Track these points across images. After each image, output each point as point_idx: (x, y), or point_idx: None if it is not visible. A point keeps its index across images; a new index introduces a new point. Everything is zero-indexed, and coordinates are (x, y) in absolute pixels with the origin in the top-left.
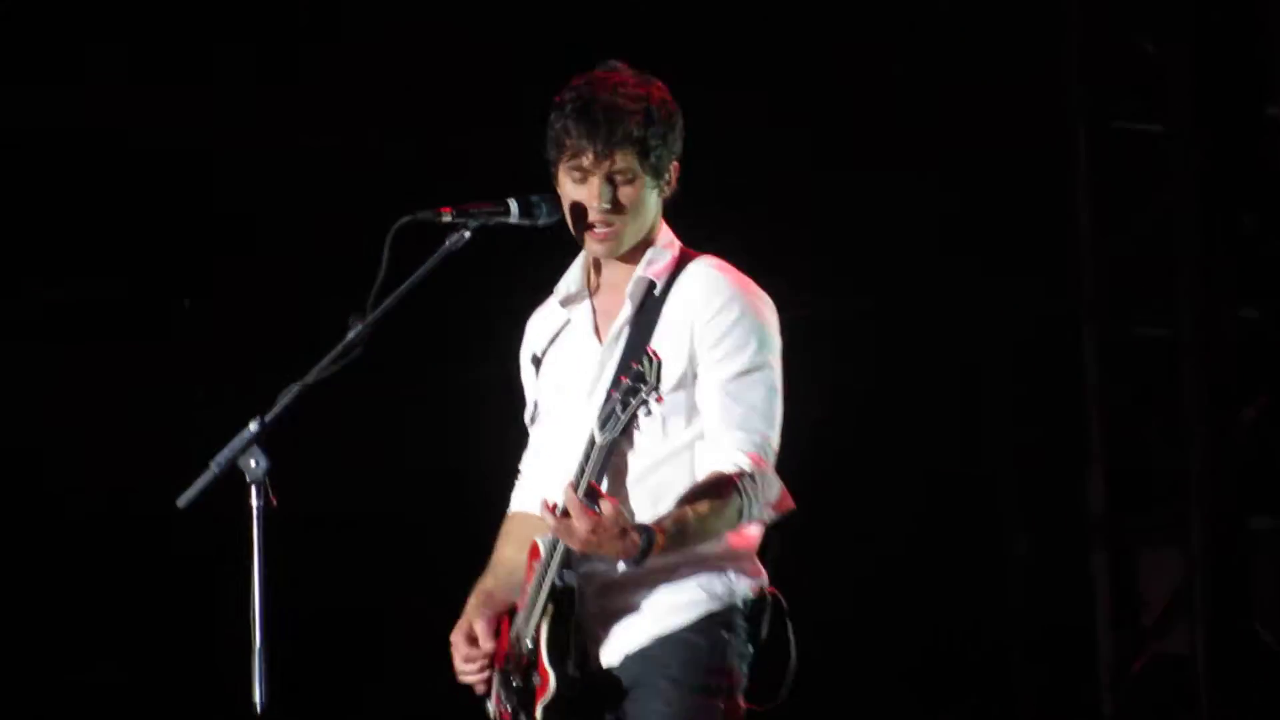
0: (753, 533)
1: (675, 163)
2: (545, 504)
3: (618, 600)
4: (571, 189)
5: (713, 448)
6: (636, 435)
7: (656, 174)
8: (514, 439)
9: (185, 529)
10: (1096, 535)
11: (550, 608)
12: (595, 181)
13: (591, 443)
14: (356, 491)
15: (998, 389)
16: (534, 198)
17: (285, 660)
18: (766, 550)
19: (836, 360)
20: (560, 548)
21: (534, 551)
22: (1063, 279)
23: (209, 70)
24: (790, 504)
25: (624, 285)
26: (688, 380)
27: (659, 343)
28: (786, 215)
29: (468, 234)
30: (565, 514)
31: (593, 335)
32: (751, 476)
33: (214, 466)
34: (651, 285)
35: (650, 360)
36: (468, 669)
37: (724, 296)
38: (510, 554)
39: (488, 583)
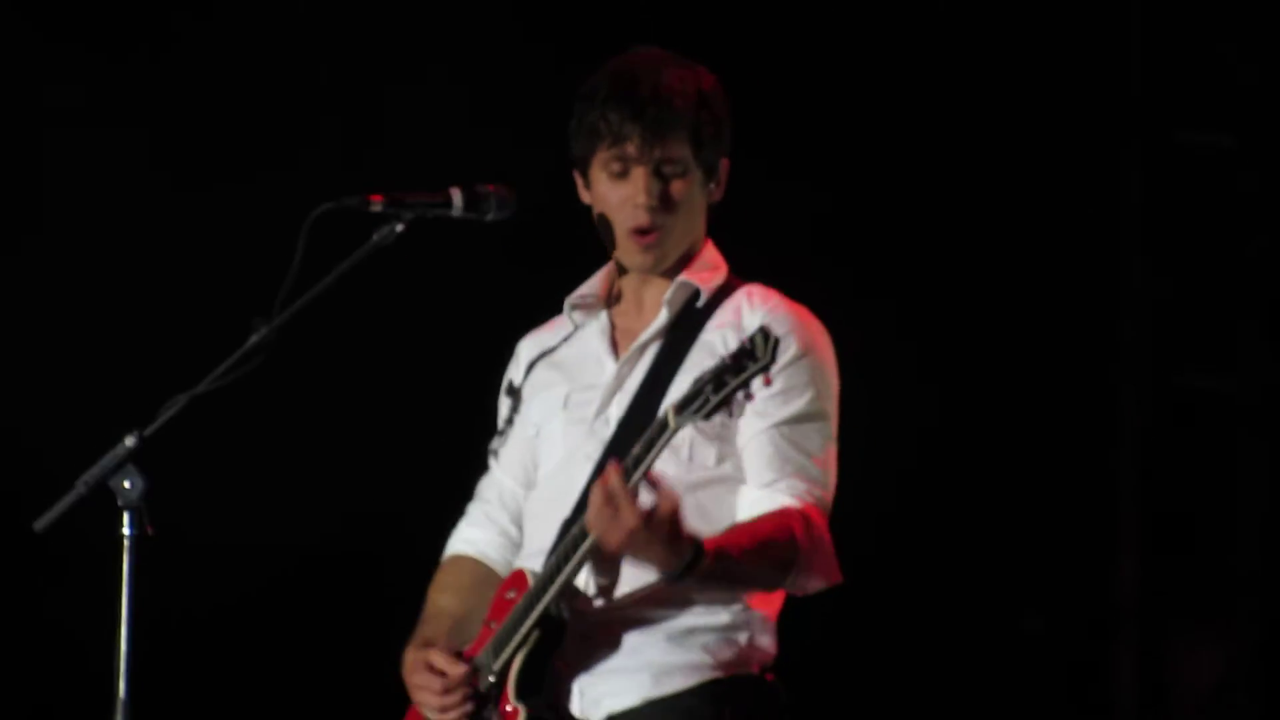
0: (774, 599)
1: (725, 161)
2: (610, 469)
3: (605, 649)
4: (608, 187)
5: (764, 493)
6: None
7: (709, 171)
8: (456, 477)
9: (41, 556)
10: (1123, 622)
11: (534, 636)
12: (641, 174)
13: (664, 425)
14: (252, 520)
15: (1016, 435)
16: (481, 188)
17: None
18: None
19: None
20: (566, 571)
21: (517, 580)
22: (1102, 317)
23: None
24: (838, 576)
25: (654, 298)
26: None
27: (694, 365)
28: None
29: (400, 227)
30: (607, 500)
31: (609, 350)
32: (810, 530)
33: (80, 486)
34: (696, 295)
35: (765, 336)
36: (449, 701)
37: (783, 328)
38: (448, 604)
39: (426, 631)
